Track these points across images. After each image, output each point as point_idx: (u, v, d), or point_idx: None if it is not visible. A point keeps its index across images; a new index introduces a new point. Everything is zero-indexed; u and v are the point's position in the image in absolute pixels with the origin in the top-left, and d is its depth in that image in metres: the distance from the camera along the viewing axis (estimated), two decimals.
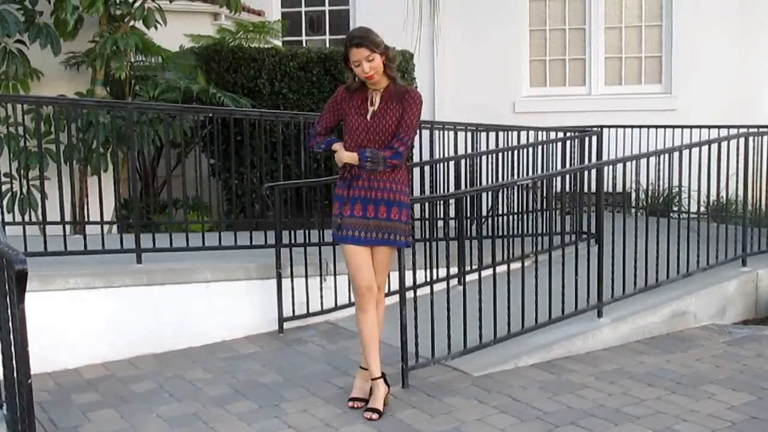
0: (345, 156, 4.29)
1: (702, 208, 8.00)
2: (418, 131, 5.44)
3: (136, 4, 7.45)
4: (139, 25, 7.55)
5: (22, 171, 6.24)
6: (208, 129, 7.09)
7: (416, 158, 8.22)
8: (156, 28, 7.48)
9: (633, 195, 8.29)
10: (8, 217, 6.20)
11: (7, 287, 3.40)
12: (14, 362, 3.40)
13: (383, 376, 4.42)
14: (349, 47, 4.20)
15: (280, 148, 6.72)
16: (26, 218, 6.00)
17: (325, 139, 4.46)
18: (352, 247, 4.32)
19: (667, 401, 4.45)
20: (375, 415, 4.28)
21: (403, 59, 8.56)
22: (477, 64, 10.30)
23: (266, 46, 8.93)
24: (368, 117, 4.28)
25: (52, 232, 5.80)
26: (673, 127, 8.66)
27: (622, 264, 5.75)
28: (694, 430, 4.06)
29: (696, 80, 9.85)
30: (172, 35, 8.21)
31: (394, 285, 5.47)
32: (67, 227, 5.94)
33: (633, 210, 8.51)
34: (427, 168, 6.88)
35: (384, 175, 4.29)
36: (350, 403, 4.45)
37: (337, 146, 4.37)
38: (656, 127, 8.82)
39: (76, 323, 5.30)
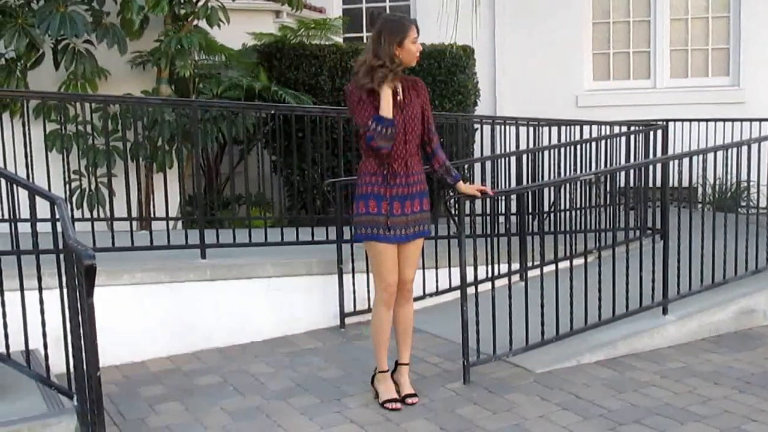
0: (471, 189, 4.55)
1: None
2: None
3: (200, 4, 7.55)
4: (203, 24, 7.64)
5: (90, 168, 6.38)
6: (270, 126, 7.17)
7: (477, 153, 8.18)
8: (219, 26, 7.58)
9: (699, 190, 8.12)
10: (77, 214, 6.35)
11: (76, 281, 3.49)
12: (84, 355, 3.49)
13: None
14: (411, 26, 4.20)
15: (341, 144, 6.75)
16: (94, 214, 6.13)
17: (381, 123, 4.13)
18: (390, 246, 4.31)
19: (735, 400, 4.35)
20: (417, 398, 4.45)
21: (464, 54, 8.52)
22: (539, 57, 10.19)
23: (327, 43, 8.97)
24: (401, 111, 4.22)
25: (119, 228, 5.92)
26: (742, 120, 8.48)
27: (688, 260, 5.63)
28: (764, 430, 3.97)
29: (765, 72, 9.59)
30: (235, 34, 8.30)
31: (456, 281, 5.45)
32: (134, 223, 6.05)
33: (699, 205, 8.33)
34: (488, 163, 6.83)
35: (416, 167, 4.31)
36: (389, 405, 4.38)
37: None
38: (724, 120, 8.63)
39: (142, 317, 5.40)
